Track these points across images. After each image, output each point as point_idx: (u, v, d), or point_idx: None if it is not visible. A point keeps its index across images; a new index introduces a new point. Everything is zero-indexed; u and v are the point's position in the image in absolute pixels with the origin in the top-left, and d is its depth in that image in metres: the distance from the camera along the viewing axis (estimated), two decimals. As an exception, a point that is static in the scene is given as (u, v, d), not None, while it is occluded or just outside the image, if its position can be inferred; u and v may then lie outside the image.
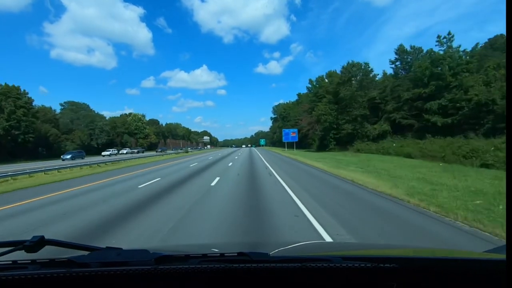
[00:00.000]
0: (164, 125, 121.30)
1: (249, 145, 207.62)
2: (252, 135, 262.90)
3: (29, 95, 47.31)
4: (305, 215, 5.55)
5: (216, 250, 1.32)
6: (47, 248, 0.90)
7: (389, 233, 4.41)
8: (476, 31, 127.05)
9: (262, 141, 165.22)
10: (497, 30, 66.98)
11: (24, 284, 0.83)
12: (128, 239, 4.39)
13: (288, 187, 9.18)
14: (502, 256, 0.91)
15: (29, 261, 0.92)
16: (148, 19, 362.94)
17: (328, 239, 4.18)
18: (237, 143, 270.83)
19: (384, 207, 6.17)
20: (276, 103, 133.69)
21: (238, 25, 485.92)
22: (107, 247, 1.05)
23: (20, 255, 0.91)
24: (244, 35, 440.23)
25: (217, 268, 0.88)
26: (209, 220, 5.43)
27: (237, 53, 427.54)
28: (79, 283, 0.86)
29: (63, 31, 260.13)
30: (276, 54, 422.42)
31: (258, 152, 47.14)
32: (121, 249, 1.03)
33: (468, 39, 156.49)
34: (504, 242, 2.91)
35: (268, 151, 55.77)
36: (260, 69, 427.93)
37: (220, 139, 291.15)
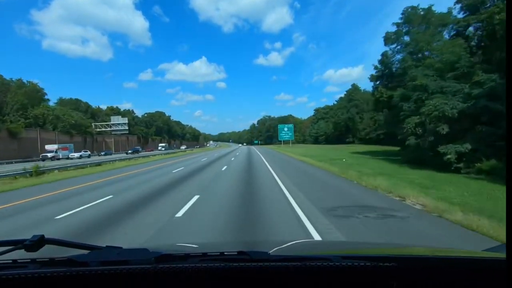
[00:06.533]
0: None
1: (244, 144, 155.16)
2: (254, 124, 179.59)
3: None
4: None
5: (216, 249, 1.26)
6: (47, 247, 0.89)
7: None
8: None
9: (285, 132, 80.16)
10: None
11: (24, 283, 0.82)
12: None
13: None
14: (502, 255, 0.90)
15: (29, 260, 0.91)
16: (143, 7, 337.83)
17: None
18: (233, 137, 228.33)
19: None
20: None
21: (238, 13, 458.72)
22: (107, 246, 1.03)
23: (20, 254, 0.90)
24: (244, 24, 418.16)
25: (217, 267, 0.88)
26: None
27: (237, 44, 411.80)
28: (79, 282, 0.85)
29: (53, 19, 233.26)
30: (278, 45, 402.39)
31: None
32: (121, 248, 1.02)
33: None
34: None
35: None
36: (261, 60, 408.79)
37: (216, 133, 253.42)
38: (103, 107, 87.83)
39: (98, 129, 69.08)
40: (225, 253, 0.98)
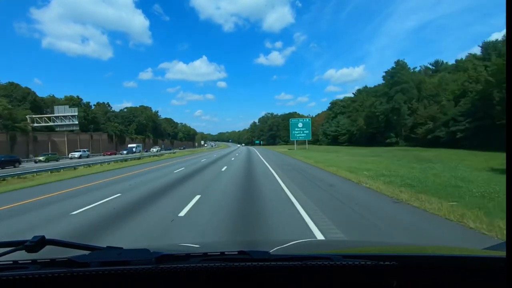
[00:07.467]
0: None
1: (243, 144, 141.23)
2: (255, 123, 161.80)
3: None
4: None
5: (217, 249, 1.26)
6: (48, 248, 0.89)
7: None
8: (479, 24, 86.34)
9: (300, 130, 60.29)
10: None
11: (25, 284, 0.82)
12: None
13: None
14: (502, 254, 0.88)
15: (30, 261, 0.91)
16: (144, 5, 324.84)
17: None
18: (233, 137, 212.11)
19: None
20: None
21: (238, 12, 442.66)
22: (107, 247, 1.03)
23: (20, 255, 0.90)
24: (244, 23, 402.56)
25: (218, 267, 0.88)
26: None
27: (238, 43, 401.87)
28: (80, 282, 0.85)
29: (52, 18, 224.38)
30: (278, 44, 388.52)
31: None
32: (121, 248, 1.02)
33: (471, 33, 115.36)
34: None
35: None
36: (261, 60, 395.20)
37: (216, 133, 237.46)
38: (60, 96, 65.89)
39: (36, 124, 47.10)
40: (226, 253, 0.98)
